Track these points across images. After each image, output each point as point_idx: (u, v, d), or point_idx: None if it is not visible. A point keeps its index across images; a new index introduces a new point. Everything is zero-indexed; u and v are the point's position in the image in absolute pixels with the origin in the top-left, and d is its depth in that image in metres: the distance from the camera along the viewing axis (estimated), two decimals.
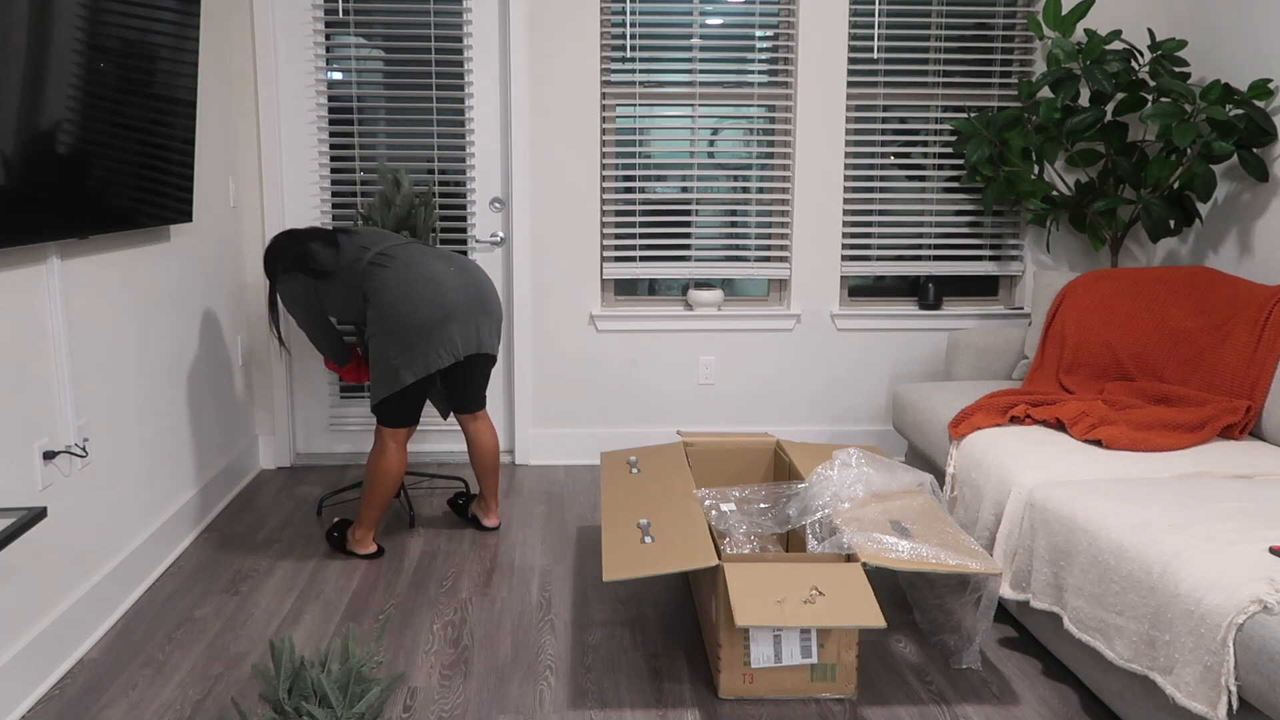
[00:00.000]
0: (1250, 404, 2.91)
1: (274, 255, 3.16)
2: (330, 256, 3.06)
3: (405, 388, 3.00)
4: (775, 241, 4.19)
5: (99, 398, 2.72)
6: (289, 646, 1.85)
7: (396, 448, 3.10)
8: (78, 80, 2.43)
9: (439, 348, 2.97)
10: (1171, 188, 3.64)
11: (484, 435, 3.31)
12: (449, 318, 2.98)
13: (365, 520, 3.18)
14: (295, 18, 3.96)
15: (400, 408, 3.05)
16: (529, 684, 2.44)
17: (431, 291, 2.96)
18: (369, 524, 3.19)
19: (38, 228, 2.29)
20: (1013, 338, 3.77)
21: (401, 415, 3.07)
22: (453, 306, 2.98)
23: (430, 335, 2.95)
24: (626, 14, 4.02)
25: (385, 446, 3.10)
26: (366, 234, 3.14)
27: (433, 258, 3.06)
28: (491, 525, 3.46)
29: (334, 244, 3.08)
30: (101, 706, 2.33)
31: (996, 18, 4.08)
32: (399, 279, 2.96)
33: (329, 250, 3.07)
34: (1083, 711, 2.33)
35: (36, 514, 1.88)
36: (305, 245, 3.09)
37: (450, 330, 2.98)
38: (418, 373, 2.97)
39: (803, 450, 3.08)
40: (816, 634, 2.32)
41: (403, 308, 2.93)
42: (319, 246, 3.08)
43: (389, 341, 2.96)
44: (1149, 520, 2.20)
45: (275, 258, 3.15)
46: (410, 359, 2.96)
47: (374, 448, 3.12)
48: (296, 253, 3.09)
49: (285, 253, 3.12)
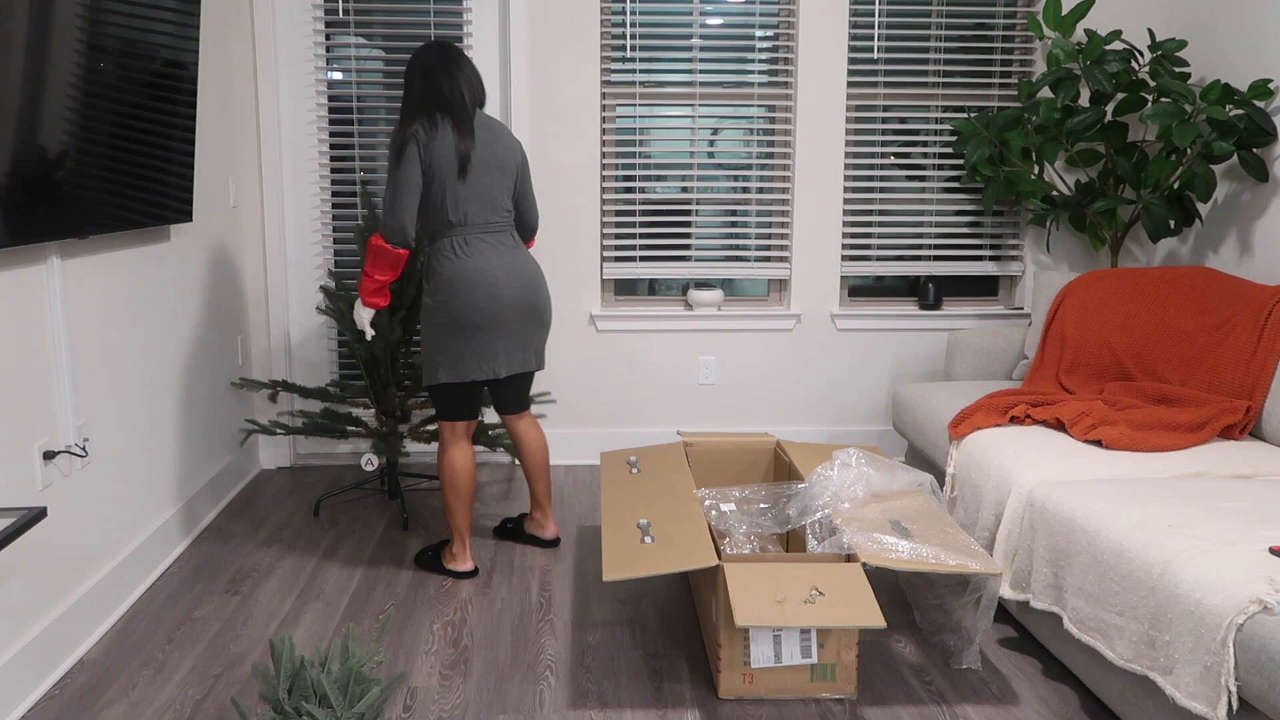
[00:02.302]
0: (1250, 404, 2.91)
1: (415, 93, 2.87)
2: (435, 181, 2.83)
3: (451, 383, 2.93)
4: (775, 241, 4.19)
5: (99, 398, 2.72)
6: (289, 646, 1.85)
7: (457, 442, 2.97)
8: (78, 80, 2.43)
9: (481, 361, 2.89)
10: (1171, 188, 3.64)
11: (531, 434, 3.17)
12: (497, 332, 2.89)
13: (454, 530, 3.04)
14: (295, 18, 3.96)
15: (454, 400, 2.94)
16: (529, 684, 2.44)
17: (485, 294, 2.85)
18: (459, 534, 3.03)
19: (38, 228, 2.29)
20: (1013, 338, 3.77)
21: (452, 408, 2.95)
22: (504, 322, 2.89)
23: (477, 341, 2.87)
24: (626, 14, 4.02)
25: (444, 443, 2.98)
26: (465, 194, 2.86)
27: (496, 256, 2.90)
28: (551, 538, 3.27)
29: (458, 175, 2.84)
30: (101, 706, 2.33)
31: (996, 18, 4.08)
32: (461, 277, 2.85)
33: (444, 182, 2.84)
34: (1083, 711, 2.33)
35: (36, 514, 1.88)
36: (433, 133, 2.82)
37: (496, 347, 2.89)
38: (453, 377, 2.89)
39: (803, 450, 3.08)
40: (816, 634, 2.32)
41: (455, 313, 2.85)
42: (441, 160, 2.82)
43: (437, 335, 2.88)
44: (1149, 520, 2.20)
45: (412, 100, 2.87)
46: (450, 361, 2.88)
47: (439, 447, 3.00)
48: (424, 121, 2.83)
49: (423, 104, 2.86)
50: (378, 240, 2.84)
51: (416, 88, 2.88)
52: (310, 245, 4.10)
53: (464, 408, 2.96)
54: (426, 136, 2.81)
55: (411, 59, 2.91)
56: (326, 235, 4.09)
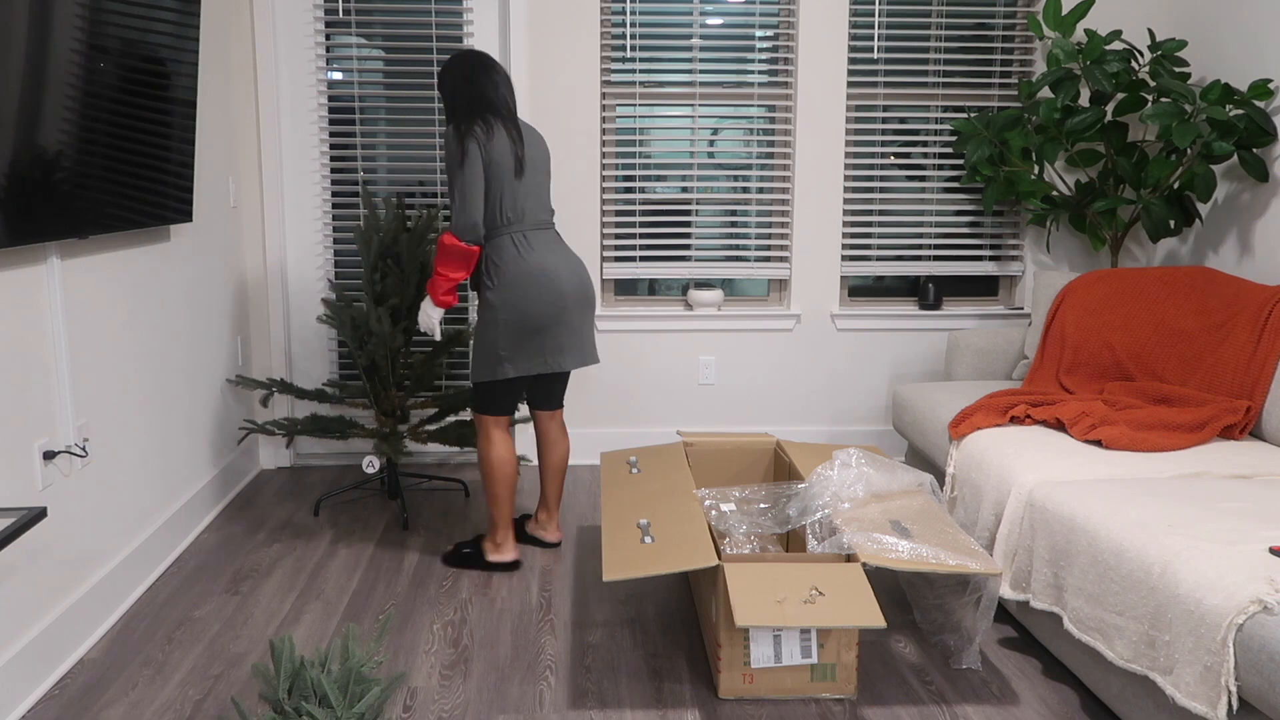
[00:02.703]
0: (1250, 404, 2.91)
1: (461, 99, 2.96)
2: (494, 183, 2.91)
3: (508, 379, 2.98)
4: (775, 241, 4.19)
5: (99, 398, 2.72)
6: (289, 646, 1.85)
7: (500, 434, 3.03)
8: (78, 80, 2.43)
9: (547, 354, 2.95)
10: (1171, 188, 3.64)
11: (560, 434, 3.22)
12: (561, 326, 2.95)
13: (496, 522, 3.08)
14: (295, 18, 3.96)
15: (499, 395, 3.01)
16: (529, 684, 2.44)
17: (549, 291, 2.92)
18: (502, 525, 3.08)
19: (38, 228, 2.30)
20: (1013, 338, 3.77)
21: (500, 403, 3.02)
22: (567, 316, 2.96)
23: (541, 337, 2.93)
24: (626, 14, 4.02)
25: (489, 435, 3.03)
26: (522, 193, 2.95)
27: (552, 253, 2.97)
28: (554, 541, 3.29)
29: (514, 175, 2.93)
30: (101, 706, 2.33)
31: (996, 18, 4.08)
32: (528, 275, 2.91)
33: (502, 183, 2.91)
34: (1083, 711, 2.33)
35: (36, 514, 1.88)
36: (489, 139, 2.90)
37: (561, 339, 2.96)
38: (520, 371, 2.94)
39: (803, 450, 3.08)
40: (816, 634, 2.32)
41: (521, 305, 2.90)
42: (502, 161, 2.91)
43: (499, 331, 2.92)
44: (1149, 520, 2.20)
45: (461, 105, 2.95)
46: (515, 354, 2.93)
47: (479, 441, 3.05)
48: (480, 123, 2.90)
49: (474, 107, 2.93)
50: (451, 239, 2.88)
51: (462, 93, 2.95)
52: (310, 245, 4.10)
53: (509, 402, 3.03)
54: (485, 137, 2.88)
55: (446, 67, 2.99)
56: (326, 235, 4.09)
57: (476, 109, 2.92)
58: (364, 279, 3.51)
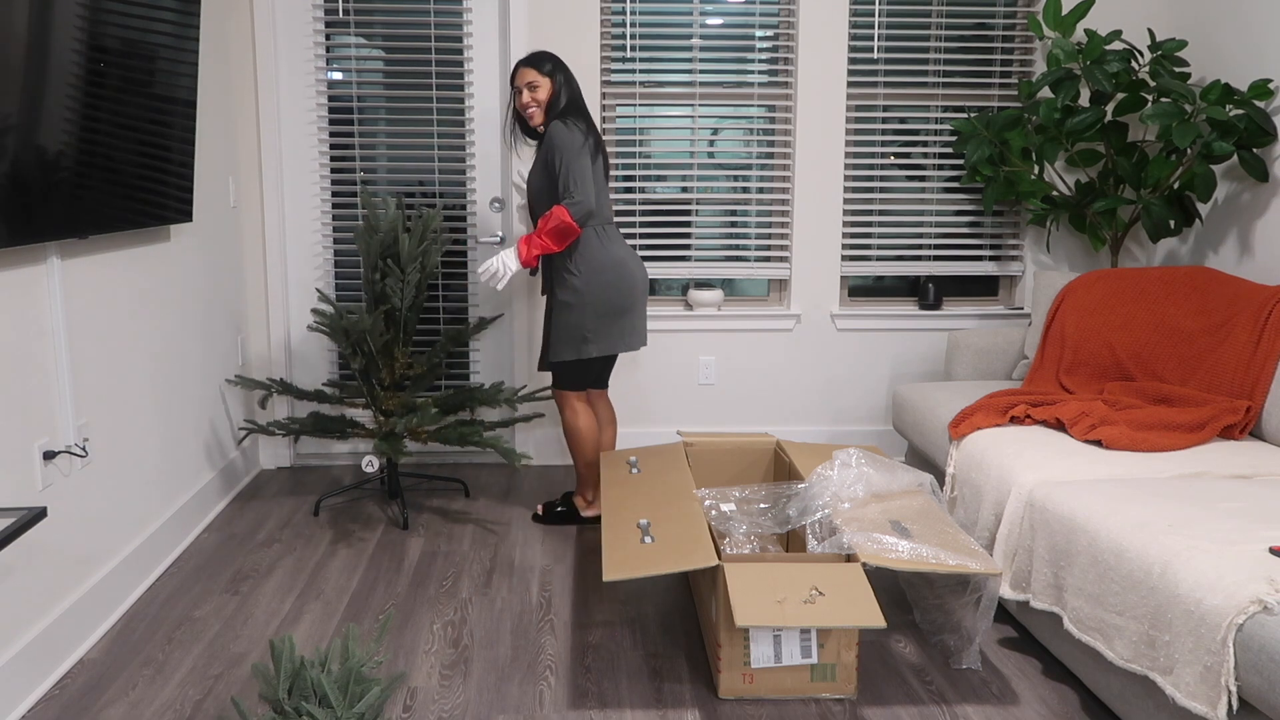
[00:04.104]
0: (1250, 404, 2.91)
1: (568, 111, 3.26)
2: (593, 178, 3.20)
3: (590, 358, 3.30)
4: (775, 241, 4.19)
5: (99, 398, 2.72)
6: (289, 646, 1.85)
7: (582, 406, 3.36)
8: (78, 80, 2.43)
9: (628, 335, 3.29)
10: (1171, 188, 3.64)
11: (611, 413, 3.54)
12: (634, 312, 3.28)
13: (586, 480, 3.49)
14: (295, 18, 3.96)
15: (581, 372, 3.32)
16: (529, 684, 2.44)
17: (627, 279, 3.24)
18: (594, 483, 3.49)
19: (38, 228, 2.30)
20: (1013, 338, 3.77)
21: (580, 380, 3.34)
22: (640, 302, 3.30)
23: (622, 320, 3.26)
24: (626, 14, 4.02)
25: (572, 407, 3.35)
26: (603, 190, 3.28)
27: (622, 247, 3.28)
28: (593, 515, 3.56)
29: (599, 175, 3.26)
30: (101, 706, 2.33)
31: (996, 18, 4.08)
32: (612, 263, 3.22)
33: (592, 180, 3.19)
34: (1083, 711, 2.33)
35: (36, 514, 1.88)
36: (591, 133, 3.21)
37: (637, 321, 3.30)
38: (603, 350, 3.25)
39: (803, 450, 3.08)
40: (816, 634, 2.32)
41: (605, 293, 3.21)
42: (590, 154, 3.20)
43: (586, 314, 3.22)
44: (1149, 520, 2.20)
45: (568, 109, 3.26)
46: (600, 335, 3.24)
47: (563, 415, 3.37)
48: (584, 121, 3.22)
49: (581, 108, 3.28)
50: (567, 217, 3.14)
51: (575, 90, 3.28)
52: (310, 245, 4.10)
53: (588, 378, 3.37)
54: (594, 137, 3.21)
55: (556, 62, 3.27)
56: (326, 235, 4.09)
57: (583, 110, 3.27)
58: (364, 279, 3.51)
